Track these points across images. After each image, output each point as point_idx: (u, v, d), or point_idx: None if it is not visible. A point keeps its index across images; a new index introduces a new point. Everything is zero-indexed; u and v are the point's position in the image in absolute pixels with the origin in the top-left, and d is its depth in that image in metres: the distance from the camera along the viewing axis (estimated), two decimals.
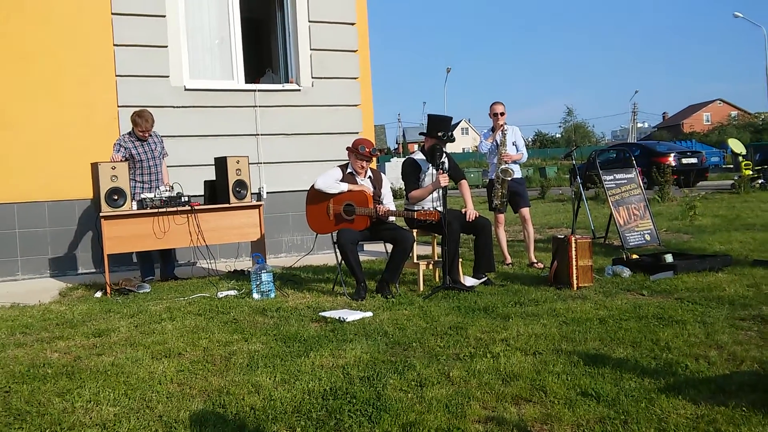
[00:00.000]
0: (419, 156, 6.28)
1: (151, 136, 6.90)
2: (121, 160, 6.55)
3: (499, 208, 7.17)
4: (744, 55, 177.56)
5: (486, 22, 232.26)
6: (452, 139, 6.17)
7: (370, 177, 6.06)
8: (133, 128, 6.83)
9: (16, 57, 7.60)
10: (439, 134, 6.05)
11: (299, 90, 8.91)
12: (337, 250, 5.80)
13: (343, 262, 5.82)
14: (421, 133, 6.38)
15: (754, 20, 44.40)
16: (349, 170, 6.01)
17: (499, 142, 7.14)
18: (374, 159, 6.11)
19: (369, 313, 4.95)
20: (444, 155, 6.00)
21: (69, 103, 7.79)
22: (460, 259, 6.15)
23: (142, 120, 6.74)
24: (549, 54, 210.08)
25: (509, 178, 7.04)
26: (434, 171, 6.05)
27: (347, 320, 4.73)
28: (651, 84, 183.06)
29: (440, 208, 5.90)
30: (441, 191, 5.86)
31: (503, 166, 7.02)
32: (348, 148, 6.04)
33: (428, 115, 6.29)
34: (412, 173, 6.22)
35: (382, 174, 6.26)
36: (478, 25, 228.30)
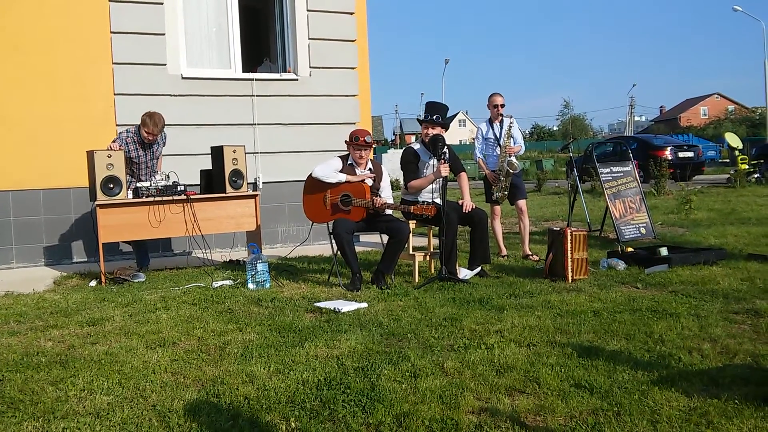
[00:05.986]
0: (418, 146, 6.29)
1: (157, 143, 6.73)
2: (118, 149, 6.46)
3: (500, 200, 7.18)
4: (743, 50, 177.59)
5: (484, 13, 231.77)
6: (444, 123, 6.17)
7: (370, 169, 6.05)
8: (139, 127, 6.57)
9: (13, 43, 7.54)
10: (434, 117, 6.08)
11: (297, 79, 8.88)
12: (333, 241, 5.80)
13: (338, 252, 5.81)
14: (418, 119, 6.40)
15: (753, 14, 44.34)
16: (349, 161, 5.99)
17: (500, 135, 7.14)
18: (371, 148, 6.09)
19: (364, 304, 4.95)
20: (445, 146, 6.00)
21: (65, 90, 7.74)
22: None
23: (151, 122, 6.46)
24: (547, 47, 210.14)
25: (514, 171, 7.04)
26: (434, 162, 6.05)
27: (342, 311, 4.74)
28: (649, 77, 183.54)
29: (438, 200, 5.90)
30: (441, 182, 5.86)
31: (510, 159, 7.02)
32: (346, 142, 6.02)
33: (426, 103, 6.30)
34: (411, 163, 6.22)
35: (383, 167, 6.24)
36: (476, 16, 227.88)
